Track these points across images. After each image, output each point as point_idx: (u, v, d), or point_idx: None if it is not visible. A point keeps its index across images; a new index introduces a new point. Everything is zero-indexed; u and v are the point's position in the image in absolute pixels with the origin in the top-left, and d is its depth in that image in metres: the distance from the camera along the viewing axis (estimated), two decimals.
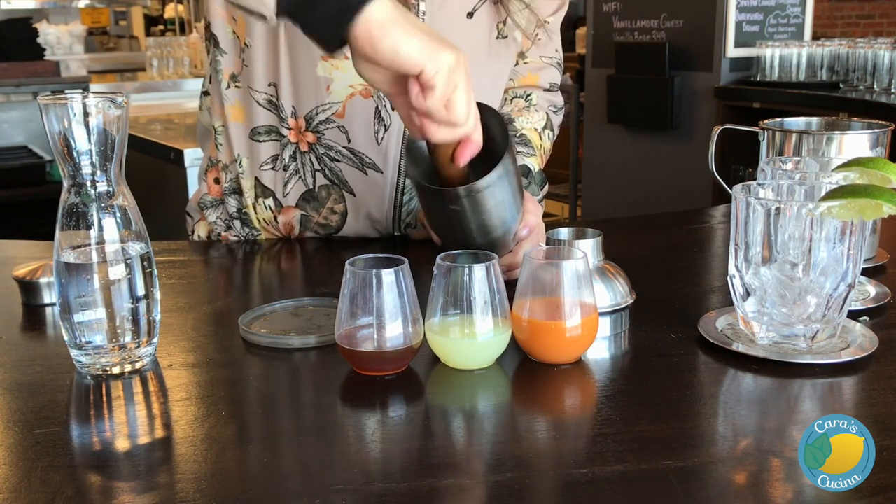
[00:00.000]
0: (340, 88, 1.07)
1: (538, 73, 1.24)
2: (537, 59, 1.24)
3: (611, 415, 0.67)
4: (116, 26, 8.47)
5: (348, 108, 1.08)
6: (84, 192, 0.73)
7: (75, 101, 0.70)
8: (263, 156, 1.14)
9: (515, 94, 1.23)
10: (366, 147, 1.10)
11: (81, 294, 0.73)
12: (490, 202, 0.84)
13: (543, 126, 1.21)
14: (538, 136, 1.19)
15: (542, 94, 1.24)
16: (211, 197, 1.21)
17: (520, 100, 1.22)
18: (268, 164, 1.15)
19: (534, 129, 1.19)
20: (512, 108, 1.21)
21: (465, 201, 0.84)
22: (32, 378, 0.76)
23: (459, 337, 0.74)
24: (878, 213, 0.72)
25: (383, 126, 1.09)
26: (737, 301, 0.80)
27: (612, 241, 0.92)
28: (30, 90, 3.78)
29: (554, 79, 1.26)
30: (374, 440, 0.64)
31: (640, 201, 3.80)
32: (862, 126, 1.05)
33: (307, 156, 1.12)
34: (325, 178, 1.13)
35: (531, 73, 1.24)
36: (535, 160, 1.16)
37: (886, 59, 3.13)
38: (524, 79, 1.24)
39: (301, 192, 1.14)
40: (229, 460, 0.61)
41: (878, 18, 6.79)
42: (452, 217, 0.86)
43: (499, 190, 0.84)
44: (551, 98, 1.26)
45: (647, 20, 3.79)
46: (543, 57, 1.25)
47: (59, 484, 0.57)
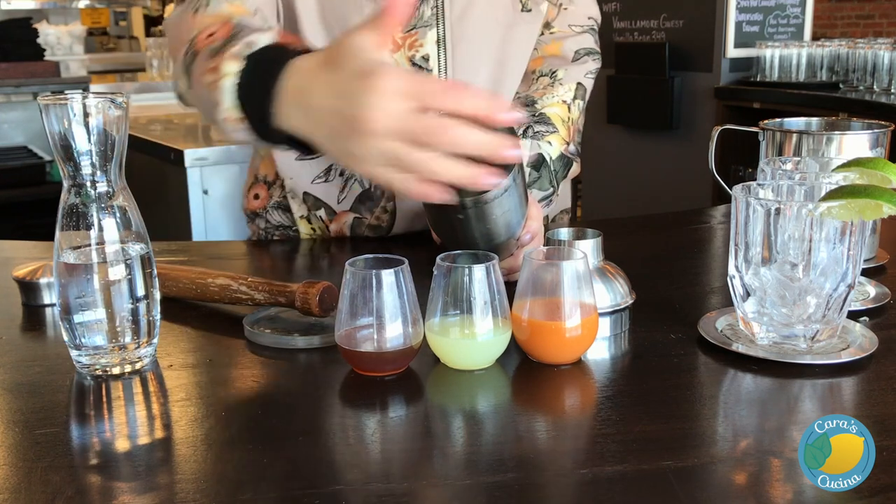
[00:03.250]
0: None
1: (561, 41, 1.21)
2: (565, 27, 1.21)
3: (611, 415, 0.67)
4: (116, 27, 8.46)
5: None
6: (84, 193, 0.73)
7: (75, 101, 0.70)
8: (315, 171, 1.14)
9: (542, 72, 1.20)
10: None
11: (81, 294, 0.73)
12: (497, 212, 0.85)
13: (573, 96, 1.17)
14: (566, 107, 1.16)
15: (570, 67, 1.20)
16: (251, 210, 1.22)
17: (545, 78, 1.19)
18: (320, 178, 1.14)
19: (560, 102, 1.15)
20: (537, 87, 1.18)
21: (471, 211, 0.84)
22: (32, 378, 0.76)
23: (459, 337, 0.74)
24: (878, 213, 0.72)
25: None
26: (737, 301, 0.80)
27: (612, 241, 0.91)
28: (30, 90, 3.78)
29: (582, 45, 1.22)
30: (374, 440, 0.64)
31: (640, 201, 3.80)
32: (862, 126, 1.05)
33: None
34: None
35: (554, 42, 1.21)
36: (556, 137, 1.12)
37: (886, 59, 3.13)
38: (548, 47, 1.21)
39: (357, 193, 1.14)
40: (229, 461, 0.61)
41: (878, 19, 6.79)
42: (457, 224, 0.86)
43: (506, 200, 0.85)
44: (582, 66, 1.21)
45: (646, 20, 3.79)
46: (573, 25, 1.22)
47: (59, 484, 0.57)
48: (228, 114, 0.81)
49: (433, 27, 1.07)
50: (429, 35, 1.07)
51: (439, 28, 1.07)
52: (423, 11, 1.07)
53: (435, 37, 1.07)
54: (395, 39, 1.05)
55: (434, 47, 1.07)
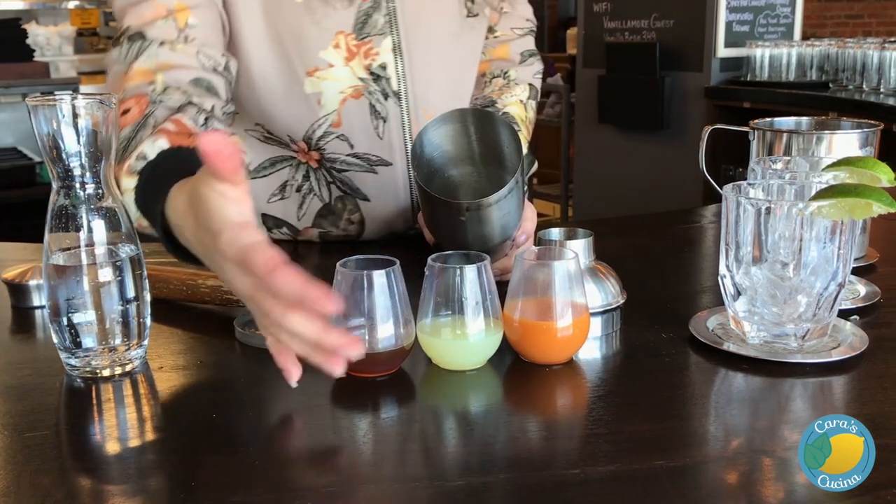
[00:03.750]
0: (331, 97, 1.05)
1: (508, 44, 1.24)
2: (508, 30, 1.24)
3: (602, 415, 0.67)
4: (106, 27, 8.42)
5: (343, 114, 1.07)
6: (73, 194, 0.73)
7: (64, 102, 0.70)
8: (269, 189, 1.13)
9: (493, 74, 1.23)
10: (370, 147, 1.09)
11: (71, 296, 0.73)
12: (496, 215, 0.85)
13: (527, 96, 1.21)
14: (523, 107, 1.19)
15: (519, 68, 1.24)
16: None
17: (499, 79, 1.22)
18: (276, 196, 1.14)
19: (518, 102, 1.19)
20: (492, 88, 1.21)
21: (471, 214, 0.84)
22: (22, 381, 0.75)
23: (451, 338, 0.74)
24: (868, 212, 0.72)
25: (381, 119, 1.08)
26: (728, 301, 0.80)
27: (604, 241, 0.92)
28: (19, 91, 3.77)
29: (526, 47, 1.26)
30: (365, 441, 0.64)
31: (632, 201, 3.81)
32: (851, 126, 1.06)
33: (320, 171, 1.12)
34: (338, 190, 1.13)
35: (500, 45, 1.24)
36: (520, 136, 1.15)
37: (875, 58, 3.14)
38: (494, 51, 1.24)
39: (317, 208, 1.14)
40: (220, 463, 0.61)
41: (867, 18, 6.82)
42: (456, 226, 0.86)
43: (506, 204, 0.85)
44: (529, 68, 1.26)
45: (637, 20, 3.80)
46: (514, 28, 1.25)
47: (48, 487, 0.57)
48: (138, 221, 0.84)
49: (388, 35, 1.06)
50: (384, 43, 1.06)
51: (394, 35, 1.06)
52: (377, 20, 1.05)
53: (391, 44, 1.06)
54: (350, 47, 1.05)
55: (391, 55, 1.07)
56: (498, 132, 0.92)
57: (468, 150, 0.96)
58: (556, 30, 8.10)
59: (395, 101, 1.08)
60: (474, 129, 0.94)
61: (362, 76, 1.06)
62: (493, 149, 0.94)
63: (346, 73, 1.04)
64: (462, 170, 0.97)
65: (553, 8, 8.14)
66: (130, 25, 0.97)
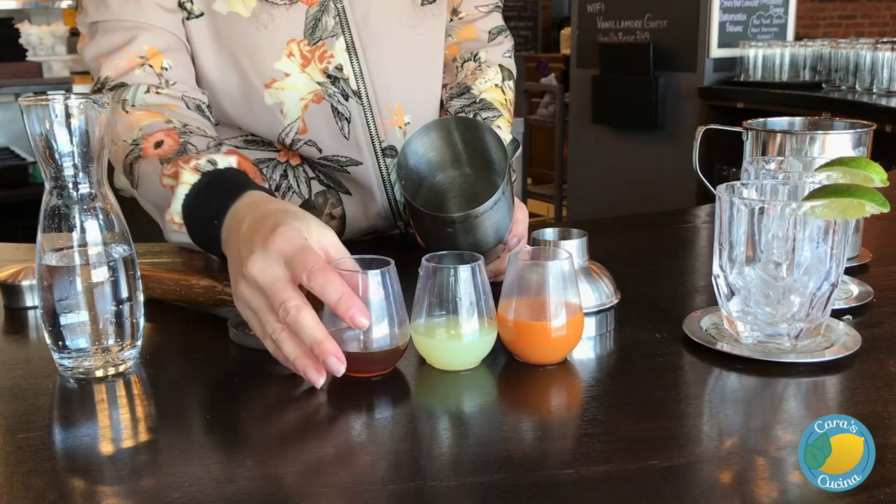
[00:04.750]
0: (293, 105, 1.06)
1: (474, 24, 1.23)
2: (472, 9, 1.23)
3: (596, 415, 0.67)
4: None
5: (307, 120, 1.07)
6: (66, 195, 0.73)
7: (57, 102, 0.70)
8: None
9: (464, 58, 1.21)
10: (338, 149, 1.10)
11: (64, 297, 0.72)
12: (485, 224, 0.85)
13: (502, 78, 1.19)
14: (500, 90, 1.18)
15: (489, 49, 1.22)
16: None
17: (470, 63, 1.20)
18: None
19: (494, 86, 1.17)
20: (465, 73, 1.20)
21: (459, 226, 0.84)
22: (14, 382, 0.75)
23: (445, 338, 0.74)
24: (861, 212, 0.72)
25: (345, 120, 1.08)
26: (721, 301, 0.80)
27: (598, 241, 0.92)
28: (12, 91, 3.75)
29: (493, 24, 1.24)
30: (360, 442, 0.64)
31: (625, 201, 3.81)
32: (844, 126, 1.06)
33: (300, 168, 1.12)
34: (320, 185, 1.13)
35: (467, 26, 1.23)
36: (503, 121, 1.14)
37: (868, 59, 3.15)
38: (461, 32, 1.22)
39: (297, 205, 1.13)
40: (214, 464, 0.61)
41: (860, 19, 6.84)
42: (445, 236, 0.86)
43: (494, 213, 0.85)
44: (499, 47, 1.24)
45: (631, 21, 3.80)
46: (479, 7, 1.23)
47: (41, 489, 0.57)
48: (173, 216, 0.86)
49: (339, 35, 1.06)
50: (337, 44, 1.06)
51: (346, 35, 1.06)
52: (327, 22, 1.05)
53: (344, 45, 1.06)
54: (304, 54, 1.05)
55: (345, 55, 1.06)
56: (483, 138, 0.93)
57: (454, 155, 0.96)
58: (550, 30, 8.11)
59: (355, 101, 1.08)
60: (458, 135, 0.94)
61: (320, 80, 1.06)
62: (479, 152, 0.94)
63: (303, 80, 1.05)
64: (449, 174, 0.97)
65: (547, 8, 8.14)
66: (108, 76, 0.99)
